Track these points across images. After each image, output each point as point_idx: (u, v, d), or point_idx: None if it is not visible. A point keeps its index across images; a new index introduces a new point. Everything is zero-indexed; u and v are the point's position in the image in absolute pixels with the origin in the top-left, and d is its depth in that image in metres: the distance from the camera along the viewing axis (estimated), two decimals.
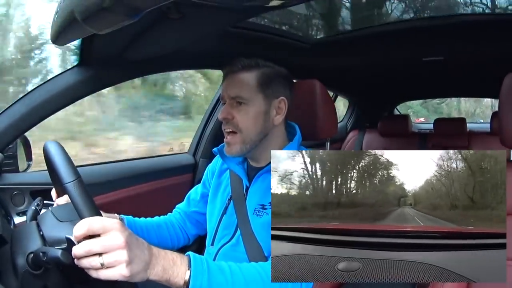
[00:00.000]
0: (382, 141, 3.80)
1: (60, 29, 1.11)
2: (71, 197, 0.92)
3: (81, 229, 0.86)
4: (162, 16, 1.24)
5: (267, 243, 1.29)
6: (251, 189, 1.40)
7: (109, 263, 0.85)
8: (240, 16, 1.43)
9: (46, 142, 1.03)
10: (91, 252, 0.85)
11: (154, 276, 0.93)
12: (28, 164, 1.69)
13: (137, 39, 1.43)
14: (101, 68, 1.60)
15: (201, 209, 1.60)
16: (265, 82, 1.37)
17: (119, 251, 0.85)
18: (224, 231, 1.43)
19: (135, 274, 0.88)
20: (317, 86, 1.69)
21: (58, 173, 0.95)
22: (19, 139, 1.60)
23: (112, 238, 0.86)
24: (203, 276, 0.99)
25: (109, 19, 0.90)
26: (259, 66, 1.39)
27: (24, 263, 0.93)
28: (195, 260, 1.00)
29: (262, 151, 1.41)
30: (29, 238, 0.99)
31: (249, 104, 1.35)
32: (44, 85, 1.53)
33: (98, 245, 0.85)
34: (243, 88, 1.35)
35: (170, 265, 0.95)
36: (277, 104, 1.39)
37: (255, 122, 1.36)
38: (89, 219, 0.87)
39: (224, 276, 1.04)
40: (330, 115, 1.77)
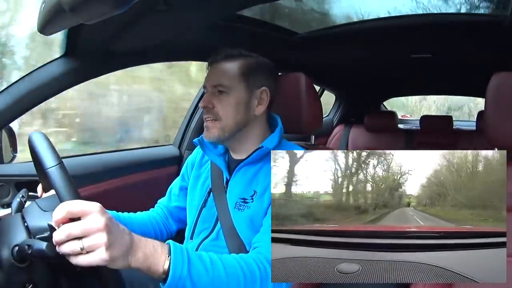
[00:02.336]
0: (368, 136, 3.82)
1: (47, 19, 1.10)
2: (53, 182, 0.92)
3: (60, 213, 0.84)
4: (149, 7, 1.24)
5: (249, 238, 1.28)
6: (232, 181, 1.39)
7: (89, 246, 0.83)
8: (228, 8, 1.42)
9: (31, 133, 1.03)
10: (71, 236, 0.83)
11: (135, 263, 0.91)
12: (13, 156, 1.67)
13: (124, 30, 1.42)
14: (87, 59, 1.58)
15: (181, 203, 1.58)
16: (247, 71, 1.37)
17: (98, 233, 0.84)
18: (203, 225, 1.41)
19: (115, 258, 0.86)
20: (303, 79, 1.69)
21: (40, 159, 0.95)
22: (4, 129, 1.58)
23: (91, 221, 0.84)
24: (183, 265, 0.98)
25: (96, 9, 0.89)
26: (242, 56, 1.39)
27: (9, 256, 0.93)
28: (175, 249, 0.99)
29: (242, 141, 1.41)
30: (14, 231, 0.98)
31: (230, 93, 1.34)
32: (29, 75, 1.51)
33: (77, 228, 0.83)
34: (225, 77, 1.35)
35: (151, 252, 0.94)
36: (259, 94, 1.38)
37: (236, 111, 1.35)
38: (68, 202, 0.86)
39: (204, 265, 1.02)
40: (315, 108, 1.77)
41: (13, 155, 1.67)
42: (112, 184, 1.96)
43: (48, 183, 1.00)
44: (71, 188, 0.92)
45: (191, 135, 2.44)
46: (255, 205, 1.31)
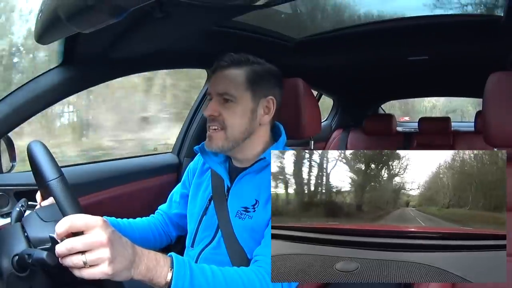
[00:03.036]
0: (367, 140, 3.82)
1: (44, 28, 1.11)
2: (54, 195, 0.92)
3: (63, 226, 0.84)
4: (146, 15, 1.24)
5: (250, 247, 1.28)
6: (233, 190, 1.38)
7: (92, 261, 0.83)
8: (224, 15, 1.43)
9: (30, 142, 1.02)
10: (73, 250, 0.83)
11: (138, 275, 0.91)
12: (12, 165, 1.67)
13: (121, 38, 1.42)
14: (85, 68, 1.58)
15: (181, 211, 1.56)
16: (254, 79, 1.34)
17: (101, 249, 0.84)
18: (204, 233, 1.40)
19: (118, 272, 0.86)
20: (301, 85, 1.70)
21: (41, 171, 0.95)
22: (2, 139, 1.58)
23: (94, 235, 0.84)
24: (185, 278, 0.98)
25: (93, 18, 0.89)
26: (249, 63, 1.36)
27: (9, 265, 0.92)
28: (178, 261, 0.99)
29: (245, 151, 1.39)
30: (13, 240, 0.98)
31: (236, 102, 1.32)
32: (28, 85, 1.51)
33: (80, 242, 0.83)
34: (231, 85, 1.32)
35: (153, 265, 0.94)
36: (265, 103, 1.37)
37: (242, 120, 1.33)
38: (71, 216, 0.86)
39: (205, 278, 1.03)
40: (313, 114, 1.78)
41: (12, 164, 1.67)
42: (112, 192, 1.95)
43: (49, 195, 1.00)
44: (73, 201, 0.92)
45: (190, 142, 2.43)
46: (257, 215, 1.30)
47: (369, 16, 2.35)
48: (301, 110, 1.69)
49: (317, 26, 2.45)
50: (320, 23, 2.45)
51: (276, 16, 2.21)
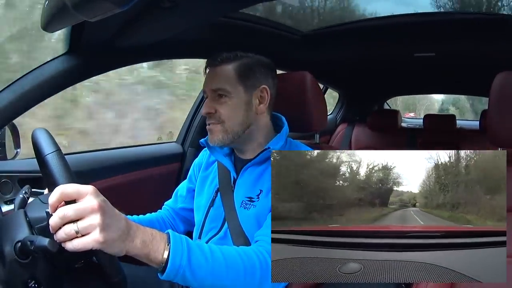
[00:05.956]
0: (372, 135, 3.81)
1: (50, 16, 1.10)
2: (50, 168, 0.92)
3: (54, 195, 0.85)
4: (153, 4, 1.23)
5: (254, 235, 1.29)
6: (239, 181, 1.40)
7: (83, 228, 0.83)
8: (232, 6, 1.42)
9: (35, 129, 1.03)
10: (65, 218, 0.83)
11: (133, 249, 0.91)
12: (16, 152, 1.67)
13: (127, 26, 1.42)
14: (91, 56, 1.58)
15: (188, 205, 1.58)
16: (244, 72, 1.37)
17: (93, 214, 0.83)
18: (211, 224, 1.42)
19: (111, 241, 0.86)
20: (308, 78, 1.69)
21: (39, 148, 0.95)
22: (7, 126, 1.58)
23: (85, 202, 0.84)
24: (182, 254, 0.97)
25: (99, 7, 0.89)
26: (238, 58, 1.39)
27: (11, 251, 0.92)
28: (175, 238, 0.99)
29: (247, 143, 1.42)
30: (16, 227, 0.98)
31: (230, 96, 1.35)
32: (33, 72, 1.51)
33: (72, 209, 0.83)
34: (223, 80, 1.36)
35: (149, 239, 0.94)
36: (258, 93, 1.39)
37: (237, 113, 1.36)
38: (63, 185, 0.86)
39: (204, 255, 1.02)
40: (320, 107, 1.77)
41: (16, 151, 1.67)
42: (115, 181, 1.95)
43: (46, 172, 1.00)
44: (67, 173, 0.93)
45: (194, 132, 2.43)
46: (260, 204, 1.31)
47: (377, 10, 2.34)
48: (308, 104, 1.69)
49: (325, 19, 2.44)
50: (327, 16, 2.44)
51: (283, 9, 2.21)
